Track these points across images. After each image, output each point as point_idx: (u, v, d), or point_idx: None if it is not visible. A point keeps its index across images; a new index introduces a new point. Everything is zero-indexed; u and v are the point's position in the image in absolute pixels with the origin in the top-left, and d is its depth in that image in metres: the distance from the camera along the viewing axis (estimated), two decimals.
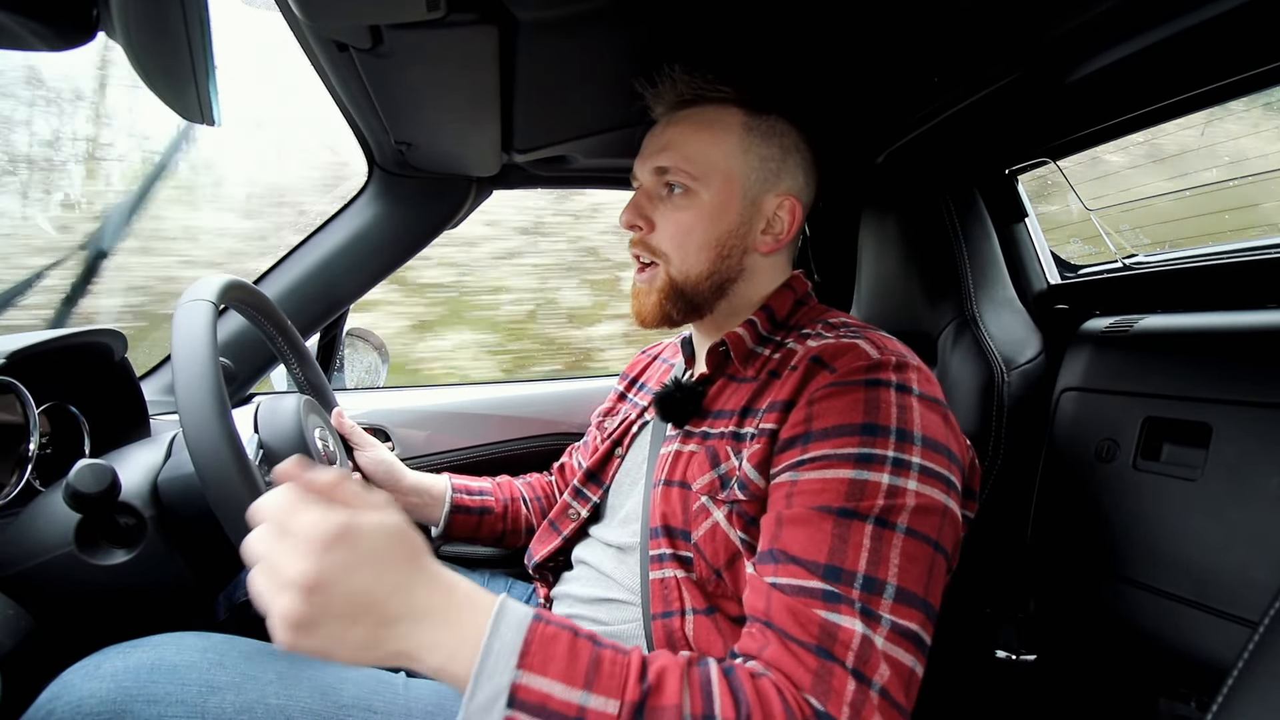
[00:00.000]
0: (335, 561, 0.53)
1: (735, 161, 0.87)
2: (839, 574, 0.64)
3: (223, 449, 0.67)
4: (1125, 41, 0.86)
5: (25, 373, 0.85)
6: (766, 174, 0.88)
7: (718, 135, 0.88)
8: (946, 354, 1.13)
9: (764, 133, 0.89)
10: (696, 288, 0.89)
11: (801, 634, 0.63)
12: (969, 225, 1.15)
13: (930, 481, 0.69)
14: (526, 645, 0.56)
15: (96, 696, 0.64)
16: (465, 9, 0.74)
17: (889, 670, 0.61)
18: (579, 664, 0.57)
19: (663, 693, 0.57)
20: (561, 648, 0.57)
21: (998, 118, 1.10)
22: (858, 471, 0.68)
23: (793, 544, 0.68)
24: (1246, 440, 0.88)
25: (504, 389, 1.80)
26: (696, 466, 0.83)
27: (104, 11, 0.71)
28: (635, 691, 0.56)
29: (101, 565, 0.75)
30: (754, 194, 0.88)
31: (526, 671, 0.55)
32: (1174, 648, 0.92)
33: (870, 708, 0.59)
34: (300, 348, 1.08)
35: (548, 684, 0.55)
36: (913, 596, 0.65)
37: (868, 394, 0.72)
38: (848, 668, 0.60)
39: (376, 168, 1.39)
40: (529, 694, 0.55)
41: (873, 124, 1.18)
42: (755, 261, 0.91)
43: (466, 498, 1.17)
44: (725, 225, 0.88)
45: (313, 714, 0.69)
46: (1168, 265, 1.15)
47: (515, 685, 0.54)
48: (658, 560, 0.83)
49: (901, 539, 0.66)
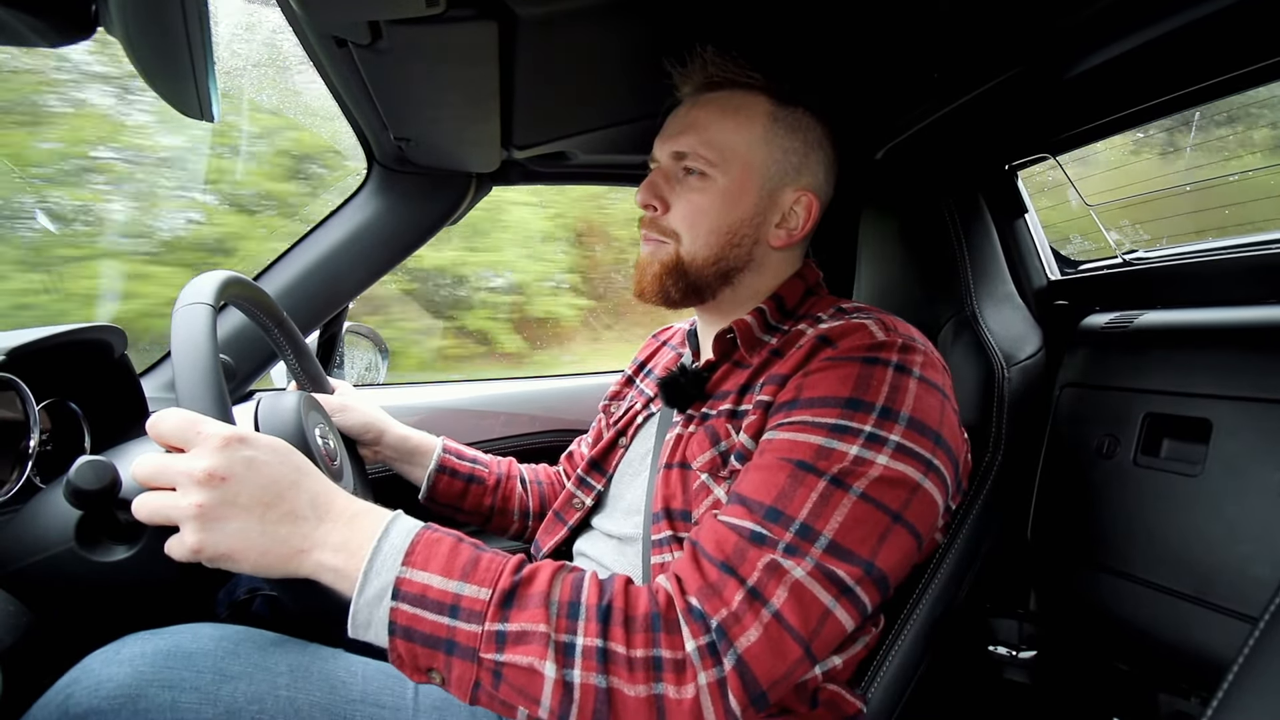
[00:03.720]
0: (238, 457, 0.61)
1: (757, 150, 0.87)
2: (778, 516, 0.67)
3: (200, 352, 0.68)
4: (1125, 37, 0.86)
5: (26, 369, 0.84)
6: (787, 167, 0.88)
7: (742, 122, 0.87)
8: (946, 350, 1.13)
9: (789, 125, 0.88)
10: (701, 271, 0.88)
11: (715, 552, 0.66)
12: (969, 221, 1.15)
13: (905, 459, 0.69)
14: (413, 547, 0.63)
15: (114, 680, 0.65)
16: (464, 4, 0.74)
17: (789, 596, 0.63)
18: (458, 561, 0.63)
19: (533, 583, 0.63)
20: (444, 548, 0.64)
21: (998, 113, 1.10)
22: (828, 439, 0.69)
23: (746, 486, 0.71)
24: (1247, 436, 0.88)
25: (506, 385, 1.80)
26: (696, 445, 0.84)
27: (102, 7, 0.71)
28: (507, 581, 0.63)
29: (102, 562, 0.75)
30: (772, 185, 0.88)
31: (409, 568, 0.62)
32: (1174, 644, 0.93)
33: (751, 618, 0.62)
34: (299, 343, 1.08)
35: (427, 577, 0.62)
36: (849, 553, 0.66)
37: (862, 370, 0.72)
38: (746, 584, 0.64)
39: (376, 164, 1.39)
40: (411, 586, 0.61)
41: (873, 119, 1.18)
42: (765, 253, 0.90)
43: (455, 460, 1.16)
44: (739, 213, 0.87)
45: (321, 708, 0.69)
46: (1168, 261, 1.15)
47: (400, 579, 0.61)
48: (659, 545, 0.84)
49: (854, 501, 0.67)
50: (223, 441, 0.62)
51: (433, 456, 1.14)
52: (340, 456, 0.94)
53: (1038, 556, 1.11)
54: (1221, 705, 0.51)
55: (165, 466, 0.62)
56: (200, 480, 0.60)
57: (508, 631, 0.61)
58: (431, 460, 1.13)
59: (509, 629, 0.61)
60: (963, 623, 1.00)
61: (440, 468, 1.14)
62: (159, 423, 0.63)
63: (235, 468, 0.61)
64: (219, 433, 0.62)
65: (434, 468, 1.13)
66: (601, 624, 0.62)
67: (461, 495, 1.16)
